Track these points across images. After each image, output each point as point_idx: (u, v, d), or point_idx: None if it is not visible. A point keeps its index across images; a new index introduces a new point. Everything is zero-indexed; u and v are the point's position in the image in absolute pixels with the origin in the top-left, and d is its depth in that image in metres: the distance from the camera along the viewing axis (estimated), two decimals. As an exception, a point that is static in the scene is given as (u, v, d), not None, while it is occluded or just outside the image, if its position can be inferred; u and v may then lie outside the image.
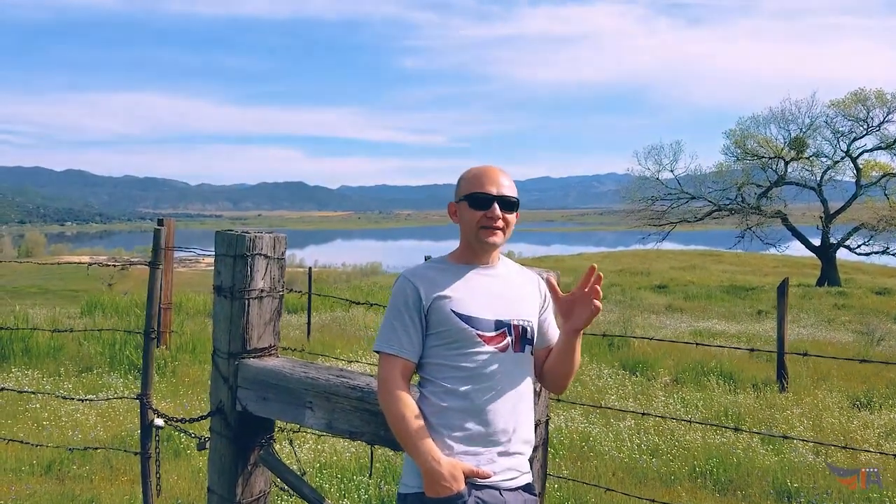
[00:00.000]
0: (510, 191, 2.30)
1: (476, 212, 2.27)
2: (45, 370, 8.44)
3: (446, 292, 2.25)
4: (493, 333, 2.24)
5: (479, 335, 2.22)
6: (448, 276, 2.30)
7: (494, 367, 2.23)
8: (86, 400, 5.51)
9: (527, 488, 2.29)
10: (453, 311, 2.22)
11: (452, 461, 2.14)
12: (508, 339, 2.26)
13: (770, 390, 8.86)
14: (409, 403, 2.19)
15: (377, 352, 2.27)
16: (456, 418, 2.21)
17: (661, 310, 19.08)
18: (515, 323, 2.29)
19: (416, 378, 2.34)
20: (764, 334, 14.09)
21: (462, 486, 2.12)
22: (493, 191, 2.27)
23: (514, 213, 2.33)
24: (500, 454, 2.23)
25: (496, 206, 2.26)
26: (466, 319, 2.22)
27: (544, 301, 2.43)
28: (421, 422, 2.18)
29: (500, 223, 2.28)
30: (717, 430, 6.73)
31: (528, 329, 2.32)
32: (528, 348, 2.32)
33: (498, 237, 2.29)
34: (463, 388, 2.21)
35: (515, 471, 2.25)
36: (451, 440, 2.19)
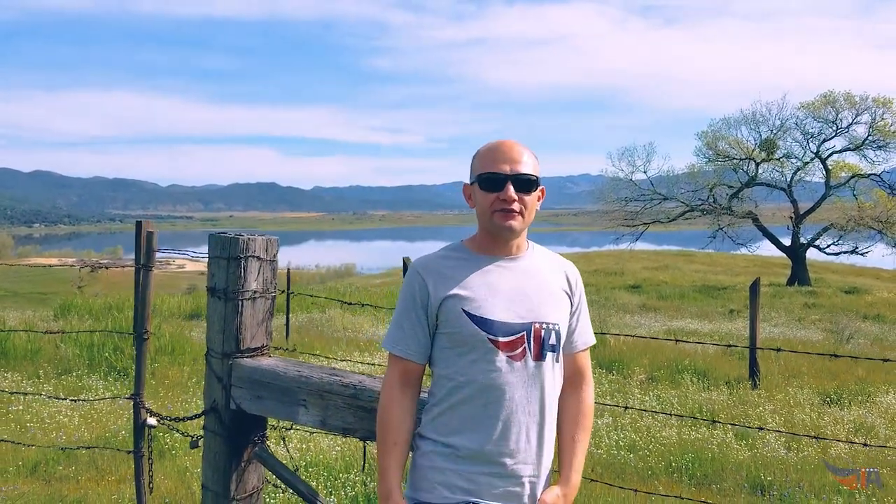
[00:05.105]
0: (527, 167, 2.03)
1: (489, 194, 2.02)
2: (24, 373, 8.40)
3: (459, 289, 2.01)
4: (508, 339, 1.98)
5: (490, 340, 1.97)
6: (464, 268, 2.05)
7: (506, 378, 1.97)
8: (77, 401, 5.52)
9: None
10: (465, 312, 1.98)
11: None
12: (525, 345, 1.99)
13: (743, 387, 9.06)
14: (394, 412, 2.05)
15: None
16: (454, 432, 2.01)
17: (636, 309, 19.29)
18: (537, 326, 2.01)
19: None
20: (736, 333, 14.33)
21: None
22: (507, 169, 2.01)
23: (534, 193, 2.06)
24: (499, 476, 1.99)
25: (510, 186, 2.00)
26: (480, 322, 1.97)
27: (577, 298, 2.16)
28: (395, 436, 2.05)
29: (515, 205, 2.01)
30: (693, 426, 6.89)
31: (553, 334, 2.04)
32: (549, 356, 2.04)
33: (516, 220, 2.02)
34: (468, 400, 1.99)
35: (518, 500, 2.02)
36: (444, 457, 2.01)
